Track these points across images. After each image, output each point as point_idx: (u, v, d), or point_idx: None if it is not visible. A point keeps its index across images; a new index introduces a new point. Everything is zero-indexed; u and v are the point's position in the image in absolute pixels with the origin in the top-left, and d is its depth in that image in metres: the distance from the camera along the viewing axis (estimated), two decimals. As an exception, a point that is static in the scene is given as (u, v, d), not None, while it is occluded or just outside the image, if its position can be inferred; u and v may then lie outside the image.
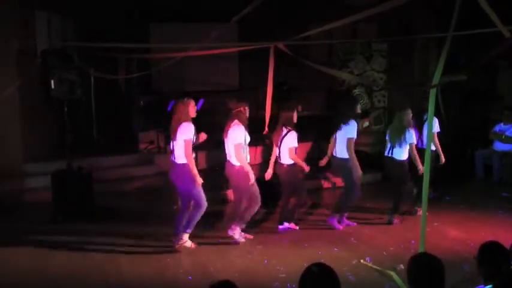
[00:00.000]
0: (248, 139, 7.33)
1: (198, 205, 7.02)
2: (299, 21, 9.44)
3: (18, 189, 9.22)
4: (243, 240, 7.50)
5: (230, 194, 9.39)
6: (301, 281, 3.10)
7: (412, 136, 8.09)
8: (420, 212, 8.42)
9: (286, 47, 6.88)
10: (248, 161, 7.35)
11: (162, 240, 7.44)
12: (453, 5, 4.75)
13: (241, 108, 7.30)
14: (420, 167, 7.89)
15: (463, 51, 9.92)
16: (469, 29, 5.84)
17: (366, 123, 8.27)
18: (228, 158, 7.45)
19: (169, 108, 10.92)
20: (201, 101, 10.89)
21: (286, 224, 7.98)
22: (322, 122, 8.02)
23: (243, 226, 7.54)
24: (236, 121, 7.28)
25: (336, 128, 8.04)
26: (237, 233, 7.46)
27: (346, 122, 7.89)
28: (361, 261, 6.75)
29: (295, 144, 7.65)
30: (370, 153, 11.20)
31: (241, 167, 7.25)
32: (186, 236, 7.12)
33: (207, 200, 7.08)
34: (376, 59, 13.49)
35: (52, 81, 8.17)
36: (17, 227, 8.10)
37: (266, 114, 7.24)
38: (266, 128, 7.36)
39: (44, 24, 10.23)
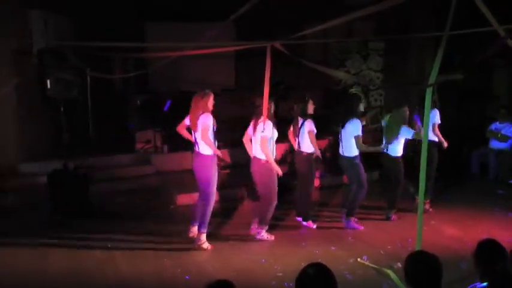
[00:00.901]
0: (276, 135, 7.44)
1: (206, 201, 7.10)
2: (297, 21, 9.44)
3: (15, 189, 9.20)
4: (272, 238, 7.59)
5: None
6: (297, 282, 3.11)
7: (407, 131, 8.14)
8: (427, 206, 8.49)
9: (283, 46, 6.89)
10: (274, 156, 7.44)
11: (160, 240, 7.46)
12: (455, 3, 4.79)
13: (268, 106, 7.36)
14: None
15: (460, 51, 9.94)
16: (467, 29, 5.87)
17: (363, 123, 8.28)
18: (253, 154, 7.52)
19: (165, 108, 10.93)
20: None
21: (305, 223, 8.10)
22: (319, 121, 8.06)
23: (267, 227, 7.60)
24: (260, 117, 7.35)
25: (340, 125, 8.15)
26: (264, 235, 7.56)
27: (348, 120, 7.97)
28: (358, 259, 6.78)
29: (314, 129, 7.80)
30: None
31: (266, 162, 7.33)
32: (203, 236, 7.15)
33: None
34: (373, 58, 13.50)
35: (48, 81, 8.15)
36: (15, 227, 8.07)
37: (263, 114, 7.24)
38: (264, 127, 7.37)
39: (40, 23, 10.19)
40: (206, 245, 7.16)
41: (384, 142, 8.43)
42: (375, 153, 8.53)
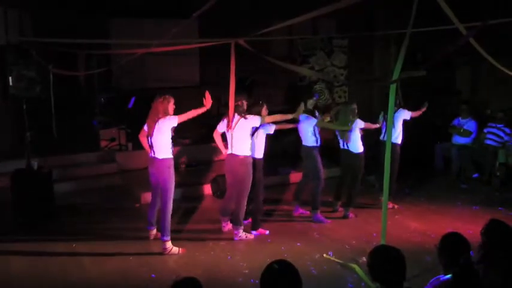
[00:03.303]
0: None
1: (164, 205, 6.96)
2: (261, 17, 9.44)
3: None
4: (252, 237, 7.58)
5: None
6: (262, 278, 3.12)
7: (357, 122, 8.21)
8: (390, 205, 8.54)
9: (246, 43, 6.89)
10: (250, 153, 7.43)
11: (125, 238, 7.40)
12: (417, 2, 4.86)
13: (239, 102, 7.32)
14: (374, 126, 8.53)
15: (422, 48, 10.06)
16: (430, 27, 5.96)
17: (327, 119, 8.34)
18: (230, 151, 7.47)
19: (130, 105, 10.83)
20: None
21: (255, 232, 7.77)
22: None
23: (242, 226, 7.53)
24: (235, 114, 7.32)
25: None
26: (242, 236, 7.50)
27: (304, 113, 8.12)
28: (324, 255, 6.83)
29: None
30: (330, 148, 11.26)
31: (245, 158, 7.33)
32: (168, 244, 6.98)
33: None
34: (337, 55, 13.59)
35: (10, 78, 8.00)
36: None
37: (230, 111, 7.22)
38: (230, 124, 7.34)
39: (1, 19, 10.00)
40: (175, 249, 7.01)
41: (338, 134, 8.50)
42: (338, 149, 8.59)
